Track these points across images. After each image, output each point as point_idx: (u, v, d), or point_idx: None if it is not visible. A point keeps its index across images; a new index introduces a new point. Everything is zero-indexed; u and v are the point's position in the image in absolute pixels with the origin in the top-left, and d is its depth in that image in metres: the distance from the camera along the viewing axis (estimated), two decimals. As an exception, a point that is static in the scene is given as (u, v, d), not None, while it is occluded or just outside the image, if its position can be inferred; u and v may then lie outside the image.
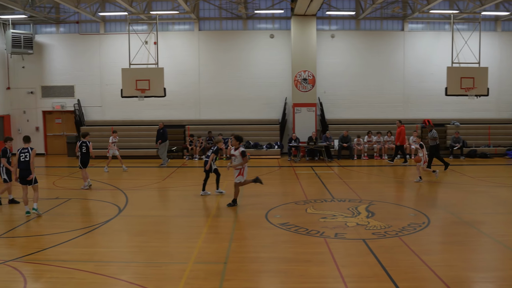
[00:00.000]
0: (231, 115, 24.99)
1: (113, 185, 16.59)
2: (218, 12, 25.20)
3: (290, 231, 10.44)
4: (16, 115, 26.06)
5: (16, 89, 25.86)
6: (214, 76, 25.11)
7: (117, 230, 11.18)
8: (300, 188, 15.66)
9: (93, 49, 25.43)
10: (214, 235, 10.40)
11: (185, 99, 25.14)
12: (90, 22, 25.46)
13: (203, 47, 25.12)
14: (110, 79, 24.87)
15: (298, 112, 23.44)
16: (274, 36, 24.88)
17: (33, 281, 7.88)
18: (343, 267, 8.15)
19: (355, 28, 25.06)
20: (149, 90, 20.86)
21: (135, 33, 23.46)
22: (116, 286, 7.73)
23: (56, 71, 25.70)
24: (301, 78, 23.44)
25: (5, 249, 9.79)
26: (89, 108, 25.67)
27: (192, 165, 21.73)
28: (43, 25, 25.78)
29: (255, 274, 8.12)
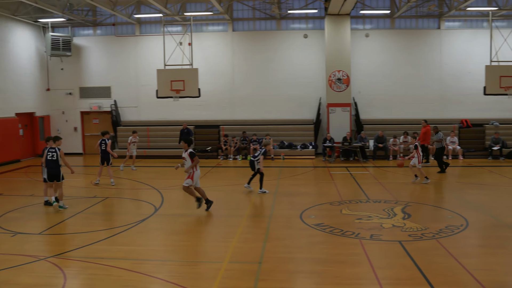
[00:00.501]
0: (265, 115, 25.02)
1: (149, 184, 16.83)
2: (252, 12, 25.26)
3: (325, 232, 10.41)
4: (55, 115, 26.72)
5: (56, 90, 26.52)
6: (248, 77, 25.19)
7: (153, 228, 11.35)
8: (335, 189, 15.58)
9: (129, 50, 25.85)
10: (248, 235, 10.45)
11: (219, 100, 25.29)
12: (126, 24, 25.89)
13: (237, 48, 25.23)
14: (146, 80, 25.22)
15: (332, 112, 23.30)
16: (308, 36, 24.78)
17: (72, 277, 8.09)
18: (378, 269, 8.08)
19: (389, 27, 24.74)
20: (184, 90, 21.06)
21: (170, 35, 23.74)
22: (152, 284, 7.87)
23: (93, 73, 26.23)
24: (335, 78, 23.30)
25: (46, 245, 10.07)
26: (125, 109, 26.11)
27: (226, 165, 21.84)
28: (81, 28, 26.35)
29: (289, 274, 8.13)
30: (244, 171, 19.10)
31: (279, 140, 24.10)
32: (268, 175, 16.16)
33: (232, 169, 21.06)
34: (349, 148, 22.29)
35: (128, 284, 7.71)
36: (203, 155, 23.87)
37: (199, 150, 24.03)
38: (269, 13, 24.68)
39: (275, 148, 23.57)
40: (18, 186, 17.38)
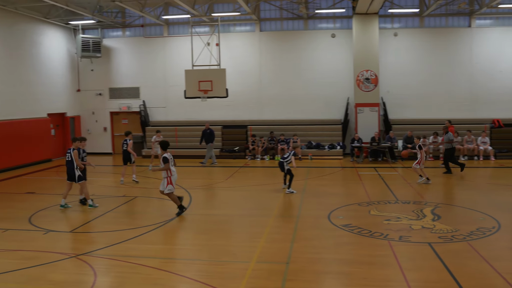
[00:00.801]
0: (292, 115, 24.98)
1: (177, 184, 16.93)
2: (279, 12, 25.25)
3: (353, 233, 10.34)
4: (85, 116, 27.18)
5: (86, 91, 26.99)
6: (275, 77, 25.18)
7: (182, 228, 11.46)
8: (363, 189, 15.46)
9: (157, 51, 26.13)
10: (276, 235, 10.44)
11: (247, 100, 25.34)
12: (154, 25, 26.17)
13: (264, 48, 25.25)
14: (174, 81, 25.45)
15: (360, 112, 23.12)
16: (336, 36, 24.64)
17: (102, 275, 8.22)
18: (407, 271, 7.99)
19: (419, 26, 24.41)
20: (212, 91, 21.17)
21: (198, 35, 23.90)
22: (180, 282, 7.94)
23: (122, 74, 26.60)
24: (363, 78, 23.12)
25: (77, 243, 10.27)
26: (154, 109, 26.39)
27: (253, 165, 21.88)
28: (110, 30, 26.75)
29: (317, 275, 8.11)
30: (271, 171, 19.15)
31: (306, 140, 24.03)
32: (295, 175, 16.09)
33: (259, 169, 21.09)
34: (377, 148, 22.08)
35: (157, 282, 7.79)
36: (230, 155, 23.97)
37: (226, 150, 24.17)
38: (297, 13, 24.63)
39: (303, 148, 23.51)
40: (50, 185, 17.74)
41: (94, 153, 26.66)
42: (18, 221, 11.97)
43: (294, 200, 14.00)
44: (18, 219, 12.22)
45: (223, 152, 24.24)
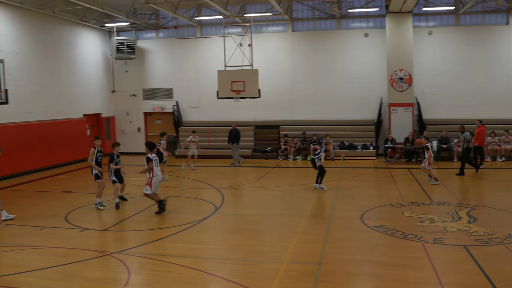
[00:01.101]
0: (325, 116, 24.83)
1: (210, 184, 17.08)
2: (312, 12, 25.14)
3: (386, 234, 10.22)
4: (120, 116, 27.65)
5: (120, 92, 27.45)
6: (308, 77, 25.09)
7: (214, 227, 11.52)
8: (397, 190, 15.26)
9: (190, 52, 26.36)
10: (308, 235, 10.41)
11: (279, 100, 25.32)
12: (187, 26, 26.40)
13: (296, 48, 25.18)
14: (206, 81, 25.64)
15: (394, 112, 22.83)
16: (369, 35, 24.38)
17: (136, 273, 8.35)
18: (442, 274, 7.85)
19: (454, 24, 23.93)
20: (244, 91, 21.21)
21: (230, 36, 23.99)
22: (212, 282, 7.99)
23: (156, 74, 26.94)
24: (397, 77, 22.82)
25: (111, 241, 10.45)
26: (187, 109, 26.63)
27: (286, 165, 21.85)
28: (144, 31, 27.12)
29: (350, 276, 8.04)
30: (304, 172, 19.10)
31: (339, 140, 23.85)
32: (328, 175, 16.03)
33: (291, 170, 21.04)
34: (411, 149, 21.76)
35: (189, 281, 7.86)
36: (263, 155, 23.99)
37: (259, 151, 24.20)
38: (329, 12, 24.49)
39: (335, 148, 23.35)
40: (85, 184, 18.07)
41: (128, 153, 27.10)
42: (55, 219, 12.27)
43: (327, 200, 13.93)
44: (55, 217, 12.52)
45: (255, 152, 24.28)
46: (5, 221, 12.03)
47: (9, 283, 7.92)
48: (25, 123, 20.09)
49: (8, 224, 11.80)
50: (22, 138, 19.69)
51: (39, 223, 11.90)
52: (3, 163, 18.40)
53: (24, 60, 20.32)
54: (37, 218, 12.39)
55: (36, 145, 20.50)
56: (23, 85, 19.97)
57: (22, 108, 19.88)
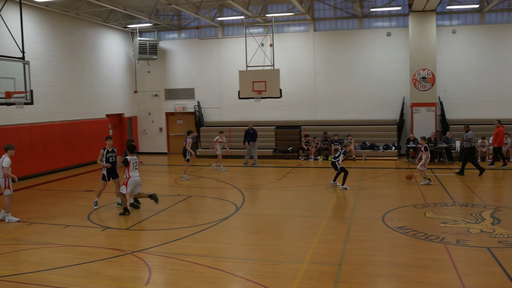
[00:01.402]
0: (347, 116, 24.70)
1: (231, 183, 17.13)
2: (333, 12, 25.03)
3: (407, 235, 10.12)
4: (142, 116, 27.90)
5: (143, 92, 27.71)
6: (329, 76, 24.98)
7: (234, 227, 11.55)
8: (419, 191, 15.09)
9: (212, 52, 26.46)
10: (329, 236, 10.36)
11: (300, 100, 25.27)
12: (209, 27, 26.52)
13: (318, 48, 25.09)
14: (228, 81, 25.73)
15: (416, 112, 22.58)
16: (391, 34, 24.16)
17: (156, 272, 8.41)
18: (465, 276, 7.74)
19: (478, 22, 23.54)
20: (265, 91, 21.20)
21: (252, 36, 24.03)
22: (232, 281, 8.00)
23: (178, 75, 27.11)
24: (419, 77, 22.57)
25: (132, 240, 10.54)
26: (208, 109, 26.75)
27: (307, 166, 21.78)
28: (166, 32, 27.33)
29: (370, 277, 7.98)
30: (325, 172, 19.01)
31: (361, 140, 23.69)
32: (349, 176, 15.93)
33: (312, 170, 20.97)
34: (434, 149, 21.50)
35: (209, 280, 7.89)
36: (284, 155, 23.96)
37: (280, 151, 24.18)
38: (351, 12, 24.35)
39: (357, 148, 23.20)
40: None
41: (149, 152, 27.40)
42: (78, 218, 12.45)
43: (348, 201, 13.85)
44: (77, 215, 12.70)
45: (276, 152, 24.27)
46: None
47: (33, 280, 8.06)
48: (50, 123, 20.40)
49: (32, 223, 12.00)
50: (47, 138, 20.00)
51: (62, 221, 12.08)
52: (28, 162, 18.78)
53: (49, 61, 20.65)
54: (60, 217, 12.58)
55: (60, 145, 20.81)
56: (47, 85, 20.30)
57: (47, 108, 20.20)
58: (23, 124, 18.90)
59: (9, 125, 18.16)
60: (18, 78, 14.27)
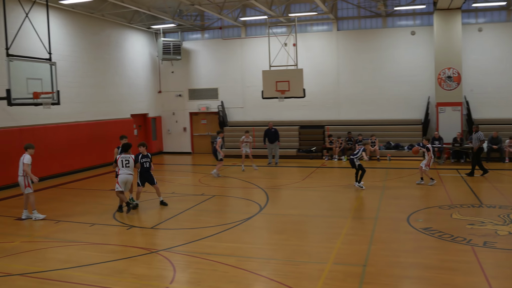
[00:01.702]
0: (370, 115, 24.51)
1: (254, 183, 17.14)
2: (357, 11, 24.86)
3: (433, 237, 9.99)
4: (166, 116, 28.13)
5: (167, 93, 27.93)
6: (353, 76, 24.82)
7: (258, 227, 11.56)
8: (445, 192, 14.89)
9: (235, 52, 26.53)
10: (353, 236, 10.30)
11: (324, 100, 25.16)
12: (232, 27, 26.58)
13: (341, 47, 24.95)
14: (251, 81, 25.76)
15: (442, 111, 22.28)
16: (416, 33, 23.88)
17: (181, 271, 8.48)
18: (493, 279, 7.61)
19: (505, 20, 23.10)
20: (289, 91, 21.17)
21: (275, 36, 24.02)
22: (256, 281, 8.01)
23: (201, 75, 27.25)
24: (445, 76, 22.26)
25: (157, 239, 10.63)
26: (232, 109, 26.82)
27: (331, 166, 21.68)
28: (190, 32, 27.49)
29: (395, 279, 7.90)
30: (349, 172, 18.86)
31: (385, 140, 23.48)
32: (373, 176, 15.84)
33: (336, 170, 20.86)
34: (460, 150, 21.19)
35: (233, 280, 7.91)
36: (307, 155, 23.89)
37: (303, 151, 24.12)
38: (375, 10, 24.13)
39: (381, 149, 23.01)
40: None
41: (174, 152, 27.60)
42: (104, 216, 12.61)
43: (372, 201, 13.73)
44: (103, 214, 12.86)
45: (300, 152, 24.21)
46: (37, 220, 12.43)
47: (60, 277, 8.19)
48: (75, 123, 20.70)
49: (59, 221, 12.19)
50: (73, 138, 20.29)
51: (88, 220, 12.25)
52: (54, 161, 19.09)
53: (75, 62, 20.95)
54: (86, 215, 12.75)
55: (85, 145, 21.09)
56: (73, 86, 20.60)
57: (73, 108, 20.50)
58: (49, 124, 19.21)
59: (36, 125, 18.49)
60: (45, 79, 14.56)
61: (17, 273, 8.43)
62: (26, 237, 10.90)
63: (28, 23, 14.73)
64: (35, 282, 8.01)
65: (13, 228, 11.82)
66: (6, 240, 10.57)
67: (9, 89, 13.24)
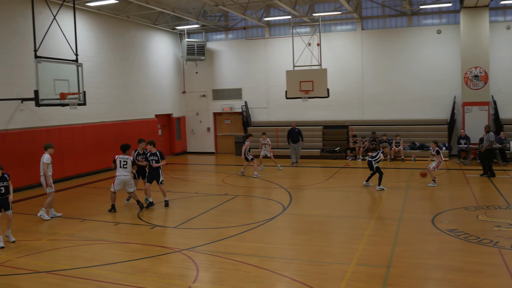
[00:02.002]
0: (395, 115, 24.26)
1: (278, 183, 17.13)
2: (381, 10, 24.63)
3: (459, 239, 9.84)
4: (190, 116, 28.30)
5: (191, 93, 28.10)
6: (377, 76, 24.61)
7: (281, 227, 11.56)
8: (471, 193, 14.66)
9: (259, 52, 26.54)
10: (377, 237, 10.21)
11: (348, 99, 25.01)
12: (256, 27, 26.61)
13: (366, 47, 24.75)
14: (275, 81, 25.74)
15: (468, 111, 21.93)
16: (441, 32, 23.55)
17: (204, 270, 8.52)
18: (520, 281, 7.47)
19: (536, 18, 22.65)
20: (313, 91, 21.12)
21: (299, 36, 23.98)
22: (279, 281, 8.00)
23: (225, 75, 27.34)
24: (471, 75, 21.90)
25: (180, 239, 10.69)
26: (255, 109, 26.84)
27: (355, 166, 21.53)
28: (214, 33, 27.61)
29: (420, 281, 7.81)
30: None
31: (410, 141, 23.21)
32: (398, 177, 15.69)
33: (360, 170, 20.67)
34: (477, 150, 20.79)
35: (256, 280, 7.92)
36: (331, 155, 23.77)
37: (327, 151, 24.01)
38: (400, 9, 23.88)
39: (406, 149, 22.75)
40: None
41: (197, 152, 27.75)
42: (128, 216, 12.75)
43: (396, 202, 13.59)
44: (127, 213, 13.01)
45: (323, 152, 24.10)
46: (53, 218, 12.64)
47: (85, 275, 8.32)
48: (101, 123, 20.97)
49: (84, 219, 12.37)
50: (98, 138, 20.55)
51: (113, 219, 12.42)
52: (80, 161, 19.38)
53: (101, 63, 21.24)
54: (111, 214, 12.93)
55: (111, 145, 21.30)
56: (99, 87, 20.87)
57: (99, 109, 20.78)
58: (76, 124, 19.51)
59: (63, 125, 18.79)
60: (72, 80, 14.80)
61: (43, 270, 8.60)
62: (52, 235, 11.10)
63: (55, 25, 14.98)
64: (60, 280, 8.15)
65: (39, 226, 12.04)
66: (33, 238, 10.78)
67: (37, 90, 13.49)
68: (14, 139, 16.53)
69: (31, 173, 16.75)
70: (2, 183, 10.14)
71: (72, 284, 7.97)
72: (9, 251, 9.81)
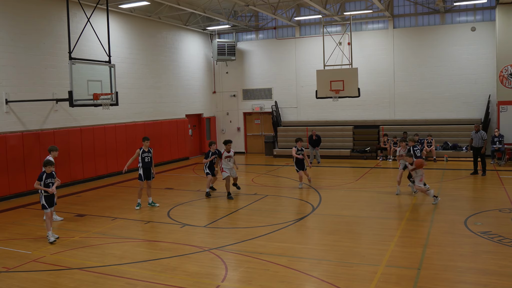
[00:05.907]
0: (427, 115, 23.87)
1: (308, 183, 17.04)
2: (414, 7, 24.26)
3: (492, 241, 9.62)
4: (220, 116, 28.45)
5: (221, 93, 28.24)
6: (409, 75, 24.25)
7: (310, 227, 11.52)
8: (505, 194, 14.30)
9: (289, 52, 26.48)
10: (407, 239, 10.07)
11: (379, 99, 24.73)
12: (286, 27, 26.55)
13: (397, 45, 24.42)
14: (305, 81, 25.66)
15: (503, 110, 21.40)
16: (476, 29, 23.06)
17: (232, 270, 8.55)
18: (556, 285, 7.26)
19: None
20: (343, 90, 20.94)
21: (329, 35, 23.84)
22: (307, 282, 7.97)
23: (255, 75, 27.38)
24: (507, 73, 21.37)
25: (209, 238, 10.76)
26: (285, 109, 26.80)
27: (385, 166, 21.28)
28: (244, 33, 27.67)
29: (451, 284, 7.66)
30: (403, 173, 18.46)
31: (442, 141, 22.80)
32: (430, 177, 15.42)
33: (391, 170, 20.42)
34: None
35: (284, 280, 7.91)
36: (361, 155, 23.55)
37: (357, 151, 23.80)
38: (433, 7, 23.49)
39: (438, 149, 22.36)
40: (186, 181, 18.80)
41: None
42: (158, 214, 12.89)
43: (428, 203, 13.36)
44: (157, 212, 13.16)
45: (354, 152, 23.90)
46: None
47: (115, 272, 8.45)
48: (133, 123, 21.26)
49: (116, 218, 12.56)
50: (130, 138, 20.83)
51: (143, 217, 12.58)
52: (112, 160, 19.69)
53: (133, 64, 21.54)
54: (141, 213, 13.10)
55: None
56: (131, 87, 21.18)
57: (130, 109, 21.08)
58: (108, 124, 19.83)
59: (96, 125, 19.12)
60: (105, 81, 15.07)
61: (76, 267, 8.77)
62: (84, 232, 11.31)
63: (88, 27, 15.26)
64: (92, 276, 8.30)
65: (72, 224, 12.28)
66: (66, 235, 11.00)
67: (71, 91, 13.77)
68: (49, 138, 16.89)
69: (65, 172, 17.11)
70: (51, 179, 10.56)
71: (103, 281, 8.11)
72: (43, 248, 10.05)
